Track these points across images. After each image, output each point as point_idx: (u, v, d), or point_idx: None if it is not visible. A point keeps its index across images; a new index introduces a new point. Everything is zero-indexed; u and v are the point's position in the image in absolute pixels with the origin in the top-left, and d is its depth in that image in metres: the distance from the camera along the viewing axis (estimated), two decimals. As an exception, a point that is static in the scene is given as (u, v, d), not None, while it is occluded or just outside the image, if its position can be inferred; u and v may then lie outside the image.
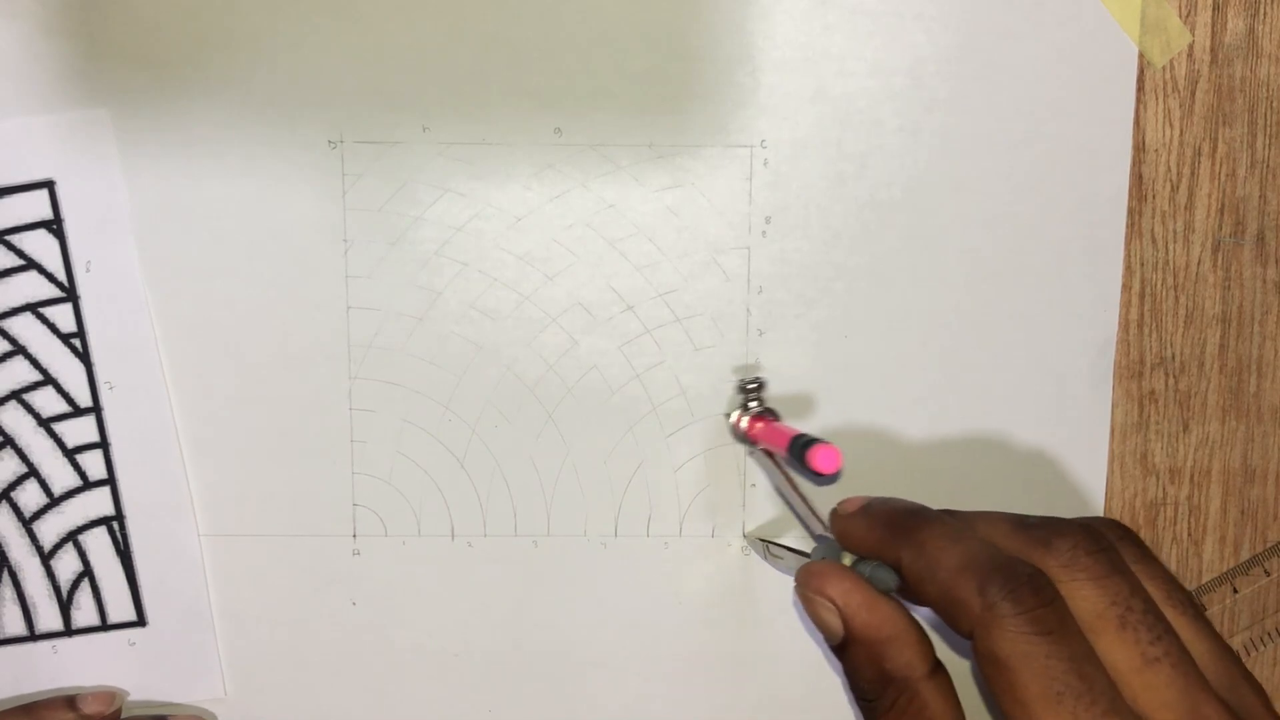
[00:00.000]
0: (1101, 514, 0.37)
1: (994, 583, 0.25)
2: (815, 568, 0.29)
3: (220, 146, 0.35)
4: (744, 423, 0.36)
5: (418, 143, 0.35)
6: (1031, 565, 0.25)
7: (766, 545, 0.36)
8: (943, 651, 0.31)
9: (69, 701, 0.36)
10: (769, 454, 0.35)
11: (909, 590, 0.28)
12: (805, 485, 0.36)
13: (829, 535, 0.31)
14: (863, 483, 0.37)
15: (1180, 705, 0.24)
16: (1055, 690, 0.24)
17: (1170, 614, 0.26)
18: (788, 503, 0.36)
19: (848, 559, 0.29)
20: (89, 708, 0.36)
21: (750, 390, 0.36)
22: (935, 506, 0.28)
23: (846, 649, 0.28)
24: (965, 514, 0.28)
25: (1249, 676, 0.26)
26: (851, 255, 0.36)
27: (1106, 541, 0.26)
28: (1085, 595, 0.25)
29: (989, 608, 0.24)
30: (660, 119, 0.36)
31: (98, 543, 0.37)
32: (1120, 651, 0.25)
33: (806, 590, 0.28)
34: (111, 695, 0.36)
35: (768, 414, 0.36)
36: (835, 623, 0.28)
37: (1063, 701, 0.24)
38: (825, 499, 0.34)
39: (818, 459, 0.30)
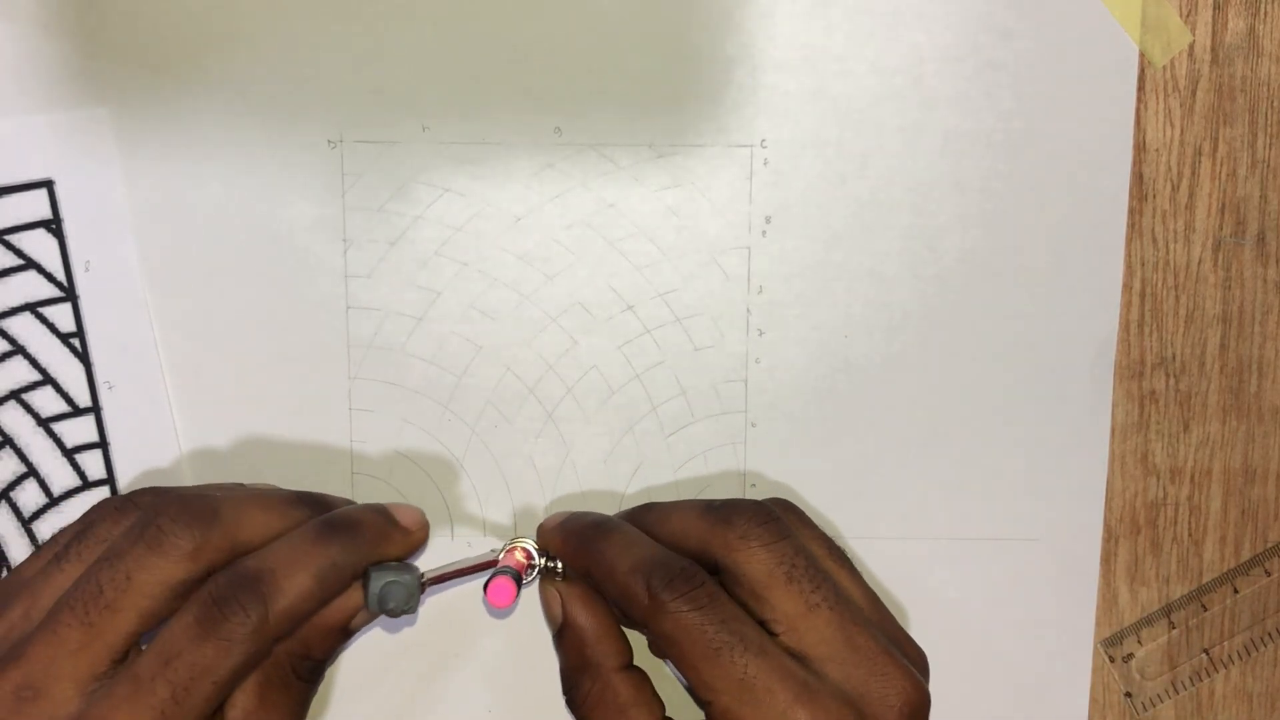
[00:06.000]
0: (1102, 513, 0.37)
1: (656, 577, 0.30)
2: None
3: (220, 146, 0.35)
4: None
5: (418, 142, 0.35)
6: (684, 560, 0.30)
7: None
8: None
9: (381, 510, 0.34)
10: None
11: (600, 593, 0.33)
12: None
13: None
14: (864, 483, 0.37)
15: (837, 639, 0.29)
16: (713, 648, 0.29)
17: (830, 568, 0.32)
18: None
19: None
20: (404, 518, 0.34)
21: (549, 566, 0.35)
22: (934, 505, 0.28)
23: (562, 635, 0.33)
24: (660, 507, 0.33)
25: (889, 615, 0.32)
26: (851, 255, 0.36)
27: (775, 514, 0.31)
28: (759, 559, 0.30)
29: (653, 597, 0.30)
30: (660, 119, 0.36)
31: (97, 543, 0.37)
32: (789, 602, 0.30)
33: (543, 586, 0.34)
34: (423, 519, 0.34)
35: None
36: (557, 611, 0.33)
37: (720, 654, 0.29)
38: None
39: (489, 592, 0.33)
